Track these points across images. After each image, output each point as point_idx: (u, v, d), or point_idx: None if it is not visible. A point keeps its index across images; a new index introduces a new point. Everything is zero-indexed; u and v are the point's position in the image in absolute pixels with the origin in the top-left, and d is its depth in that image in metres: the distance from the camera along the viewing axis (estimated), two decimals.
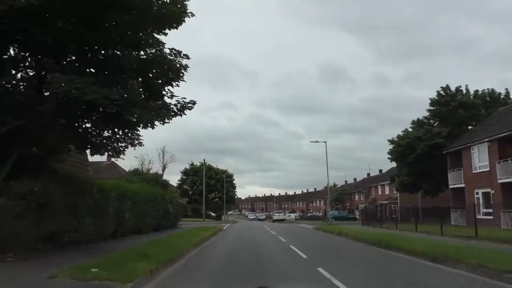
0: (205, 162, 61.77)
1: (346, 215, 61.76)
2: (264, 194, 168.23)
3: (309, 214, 76.38)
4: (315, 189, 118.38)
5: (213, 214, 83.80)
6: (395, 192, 52.09)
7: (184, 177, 71.28)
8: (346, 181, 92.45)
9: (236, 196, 75.48)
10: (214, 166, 72.40)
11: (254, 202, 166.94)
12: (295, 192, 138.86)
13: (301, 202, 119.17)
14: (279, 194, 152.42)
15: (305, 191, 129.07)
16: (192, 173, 70.12)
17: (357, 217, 60.80)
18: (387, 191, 55.10)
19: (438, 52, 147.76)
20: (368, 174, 74.38)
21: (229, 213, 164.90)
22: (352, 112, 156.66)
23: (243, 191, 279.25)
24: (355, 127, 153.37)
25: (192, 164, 71.13)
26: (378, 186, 58.47)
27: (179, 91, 18.84)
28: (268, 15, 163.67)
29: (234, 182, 74.43)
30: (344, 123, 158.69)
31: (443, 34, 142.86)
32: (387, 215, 53.32)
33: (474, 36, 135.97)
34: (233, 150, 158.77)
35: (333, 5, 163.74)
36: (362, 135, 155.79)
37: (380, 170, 70.14)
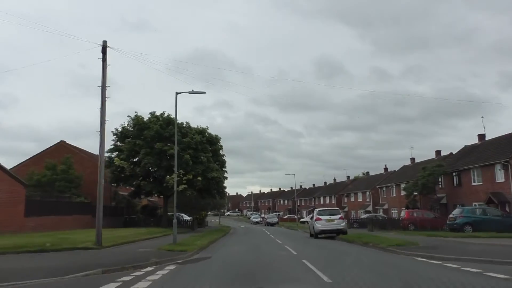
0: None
1: (503, 218, 25.36)
2: (271, 189, 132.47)
3: (378, 216, 40.14)
4: (347, 177, 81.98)
5: (187, 218, 47.26)
6: None
7: (119, 143, 34.93)
8: (413, 159, 56.01)
9: (226, 184, 38.84)
10: (184, 124, 36.09)
11: (258, 200, 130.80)
12: (314, 185, 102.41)
13: (327, 197, 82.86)
14: (292, 187, 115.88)
15: (326, 182, 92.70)
16: (135, 134, 33.94)
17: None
18: None
19: (438, 44, 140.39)
20: (482, 136, 38.28)
21: (226, 213, 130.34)
22: (351, 108, 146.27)
23: (244, 192, 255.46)
24: (355, 124, 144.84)
25: (136, 116, 34.72)
26: None
27: None
28: (260, 8, 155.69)
29: (223, 153, 37.81)
30: (344, 120, 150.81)
31: (442, 25, 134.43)
32: None
33: (475, 27, 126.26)
34: (232, 150, 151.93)
35: None
36: (363, 133, 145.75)
37: None
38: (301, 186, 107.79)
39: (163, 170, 32.45)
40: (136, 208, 40.53)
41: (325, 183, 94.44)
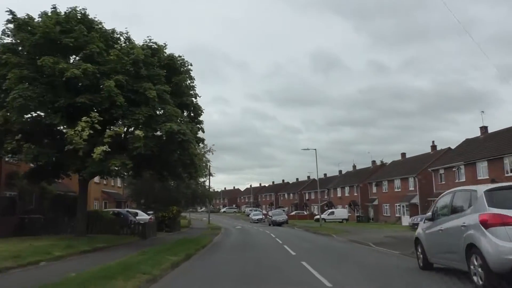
0: None
1: None
2: (273, 182, 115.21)
3: None
4: (373, 162, 64.49)
5: (145, 217, 29.55)
6: None
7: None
8: (484, 127, 38.65)
9: (211, 149, 21.21)
10: (116, 30, 18.36)
11: (258, 194, 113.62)
12: (325, 175, 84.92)
13: (346, 188, 65.64)
14: (297, 179, 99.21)
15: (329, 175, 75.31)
16: (12, 48, 16.30)
17: None
18: None
19: (436, 35, 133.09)
20: None
21: (222, 210, 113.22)
22: (349, 103, 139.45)
23: (242, 188, 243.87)
24: (354, 119, 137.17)
25: (18, 18, 16.97)
26: None
27: None
28: (254, 1, 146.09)
29: (196, 93, 20.23)
30: (342, 115, 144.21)
31: (441, 16, 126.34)
32: None
33: (475, 17, 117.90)
34: (230, 146, 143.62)
35: None
36: (362, 128, 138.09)
37: None
38: (308, 177, 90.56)
39: (60, 116, 15.04)
40: (46, 201, 23.20)
41: (340, 172, 77.27)
